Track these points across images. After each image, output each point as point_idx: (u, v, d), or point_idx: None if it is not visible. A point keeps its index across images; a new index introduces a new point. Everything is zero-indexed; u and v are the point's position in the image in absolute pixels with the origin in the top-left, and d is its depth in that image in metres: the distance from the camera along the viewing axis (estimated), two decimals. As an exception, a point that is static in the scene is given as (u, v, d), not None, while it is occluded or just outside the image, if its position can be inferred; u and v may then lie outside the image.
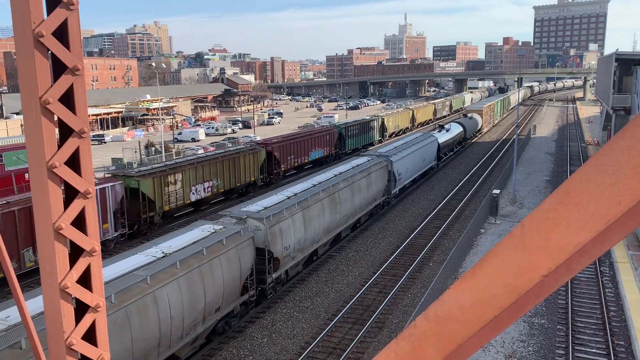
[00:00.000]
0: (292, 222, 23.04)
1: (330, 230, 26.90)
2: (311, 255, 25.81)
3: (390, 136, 68.96)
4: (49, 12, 1.96)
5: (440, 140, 49.32)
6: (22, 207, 23.86)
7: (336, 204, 27.19)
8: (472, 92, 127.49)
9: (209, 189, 36.43)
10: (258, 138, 61.74)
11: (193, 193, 34.71)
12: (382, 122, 68.97)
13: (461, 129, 58.50)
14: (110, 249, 28.32)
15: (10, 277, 2.51)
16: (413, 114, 78.85)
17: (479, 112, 72.93)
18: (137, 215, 30.47)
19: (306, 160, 49.46)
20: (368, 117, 67.45)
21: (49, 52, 1.97)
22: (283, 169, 45.71)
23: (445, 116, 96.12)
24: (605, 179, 1.14)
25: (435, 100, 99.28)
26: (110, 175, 31.33)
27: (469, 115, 69.51)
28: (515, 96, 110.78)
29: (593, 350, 17.76)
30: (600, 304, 21.03)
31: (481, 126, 71.95)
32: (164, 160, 49.72)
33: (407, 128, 75.91)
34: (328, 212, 26.30)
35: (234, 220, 21.22)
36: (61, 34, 1.99)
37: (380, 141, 65.12)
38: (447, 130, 54.34)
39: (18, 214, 23.80)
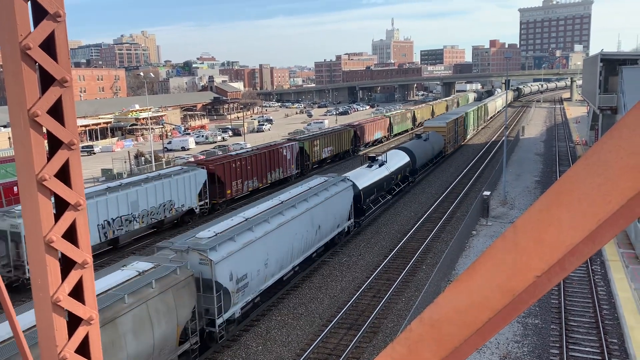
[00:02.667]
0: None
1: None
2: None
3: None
4: (36, 24, 1.95)
5: (363, 185, 31.76)
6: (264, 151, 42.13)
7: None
8: (459, 95, 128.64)
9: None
10: (248, 145, 61.62)
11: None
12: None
13: (407, 158, 41.13)
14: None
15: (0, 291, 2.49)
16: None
17: (441, 129, 55.15)
18: None
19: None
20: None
21: (37, 64, 1.96)
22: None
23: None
24: (594, 179, 1.15)
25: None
26: None
27: (424, 135, 49.67)
28: (498, 101, 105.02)
29: (587, 349, 17.85)
30: (593, 302, 21.15)
31: (444, 147, 54.83)
32: (154, 169, 49.47)
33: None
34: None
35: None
36: (48, 45, 1.98)
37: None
38: (381, 165, 36.07)
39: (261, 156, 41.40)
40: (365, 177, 33.37)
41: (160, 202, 31.47)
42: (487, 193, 33.48)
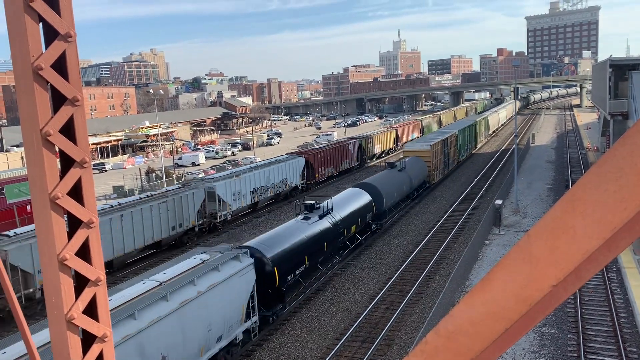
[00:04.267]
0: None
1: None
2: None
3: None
4: (47, 45, 1.98)
5: (275, 253, 21.63)
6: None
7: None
8: (475, 102, 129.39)
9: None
10: (258, 159, 61.92)
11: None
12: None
13: (367, 199, 30.96)
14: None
15: (15, 310, 2.50)
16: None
17: (424, 154, 44.80)
18: None
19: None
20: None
21: (49, 84, 1.98)
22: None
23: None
24: (609, 186, 1.14)
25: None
26: None
27: (399, 164, 39.34)
28: (501, 113, 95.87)
29: (605, 359, 17.55)
30: (610, 310, 20.84)
31: (429, 176, 44.83)
32: (165, 186, 49.75)
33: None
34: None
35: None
36: (60, 65, 2.01)
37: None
38: (324, 215, 26.07)
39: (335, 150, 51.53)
40: (288, 240, 22.67)
41: (281, 179, 43.09)
42: (499, 202, 33.25)
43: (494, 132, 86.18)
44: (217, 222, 36.06)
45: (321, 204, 26.53)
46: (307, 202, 26.96)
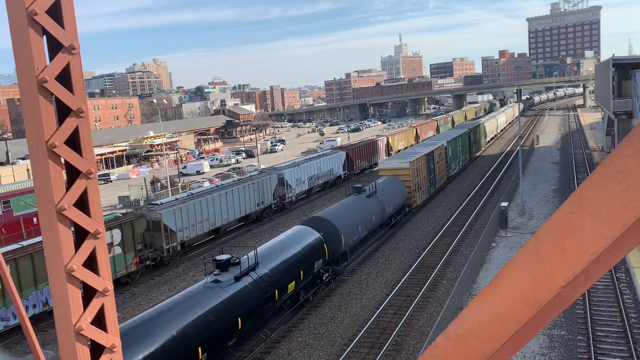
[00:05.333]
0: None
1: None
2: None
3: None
4: (51, 57, 2.00)
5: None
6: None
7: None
8: (470, 106, 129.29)
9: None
10: (262, 166, 62.01)
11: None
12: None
13: (316, 240, 24.23)
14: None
15: (24, 322, 2.51)
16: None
17: (402, 172, 37.54)
18: None
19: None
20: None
21: (53, 96, 1.99)
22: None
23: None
24: (616, 185, 1.13)
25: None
26: None
27: (369, 188, 32.47)
28: (500, 117, 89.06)
29: (616, 360, 17.41)
30: (620, 311, 20.69)
31: (409, 198, 37.72)
32: (170, 195, 49.88)
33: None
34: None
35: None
36: (64, 78, 2.02)
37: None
38: (247, 272, 19.39)
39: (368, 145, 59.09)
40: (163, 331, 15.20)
41: (328, 169, 50.41)
42: (504, 204, 33.13)
43: (492, 139, 79.99)
44: (285, 202, 43.89)
45: (239, 259, 19.60)
46: (218, 257, 19.55)
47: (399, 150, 63.75)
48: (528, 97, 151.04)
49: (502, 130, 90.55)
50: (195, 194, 34.39)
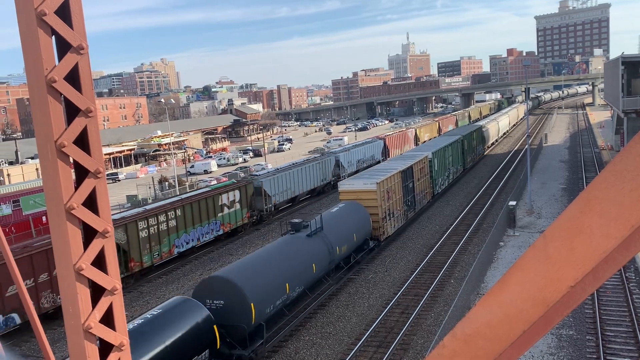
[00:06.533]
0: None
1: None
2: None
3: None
4: (60, 57, 2.01)
5: None
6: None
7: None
8: (478, 105, 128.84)
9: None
10: (269, 166, 62.13)
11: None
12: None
13: (201, 321, 16.34)
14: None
15: (33, 321, 2.53)
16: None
17: (367, 197, 29.92)
18: None
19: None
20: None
21: (62, 96, 2.01)
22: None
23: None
24: (625, 184, 1.12)
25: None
26: None
27: (310, 224, 24.17)
28: (502, 120, 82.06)
29: (626, 360, 17.30)
30: (629, 311, 20.54)
31: (374, 231, 29.96)
32: (178, 194, 50.12)
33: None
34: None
35: None
36: (73, 77, 2.03)
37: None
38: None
39: (400, 136, 69.10)
40: None
41: (369, 155, 58.38)
42: (512, 203, 32.98)
43: (493, 143, 73.39)
44: (340, 180, 47.55)
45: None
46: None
47: (424, 141, 69.28)
48: (536, 95, 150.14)
49: (504, 134, 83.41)
50: (280, 169, 44.92)
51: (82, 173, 2.08)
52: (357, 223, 27.75)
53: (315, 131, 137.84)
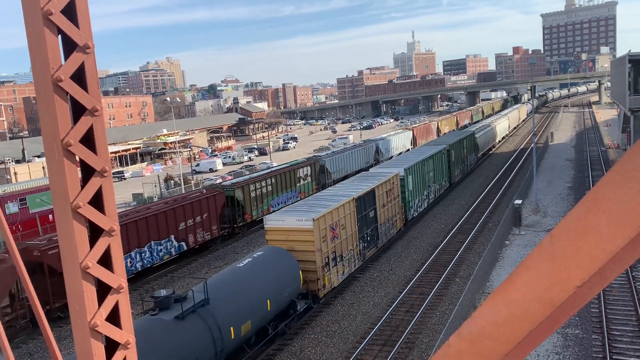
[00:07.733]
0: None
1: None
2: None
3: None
4: (66, 56, 2.02)
5: None
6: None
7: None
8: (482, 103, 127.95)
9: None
10: (275, 164, 62.12)
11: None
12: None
13: None
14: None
15: (40, 319, 2.54)
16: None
17: (299, 237, 22.05)
18: None
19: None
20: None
21: (68, 95, 2.01)
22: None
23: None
24: (632, 184, 1.12)
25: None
26: None
27: (187, 296, 15.40)
28: (501, 123, 76.10)
29: (632, 359, 17.22)
30: (636, 310, 20.45)
31: (308, 287, 22.22)
32: (183, 192, 50.24)
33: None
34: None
35: None
36: (79, 76, 2.04)
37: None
38: None
39: (424, 128, 76.52)
40: None
41: (402, 143, 65.30)
42: (518, 202, 32.88)
43: (488, 151, 65.73)
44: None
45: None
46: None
47: (445, 133, 75.12)
48: (542, 93, 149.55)
49: (503, 137, 76.58)
50: (336, 152, 53.36)
51: (88, 172, 2.09)
52: (278, 281, 19.54)
53: (321, 130, 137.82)
